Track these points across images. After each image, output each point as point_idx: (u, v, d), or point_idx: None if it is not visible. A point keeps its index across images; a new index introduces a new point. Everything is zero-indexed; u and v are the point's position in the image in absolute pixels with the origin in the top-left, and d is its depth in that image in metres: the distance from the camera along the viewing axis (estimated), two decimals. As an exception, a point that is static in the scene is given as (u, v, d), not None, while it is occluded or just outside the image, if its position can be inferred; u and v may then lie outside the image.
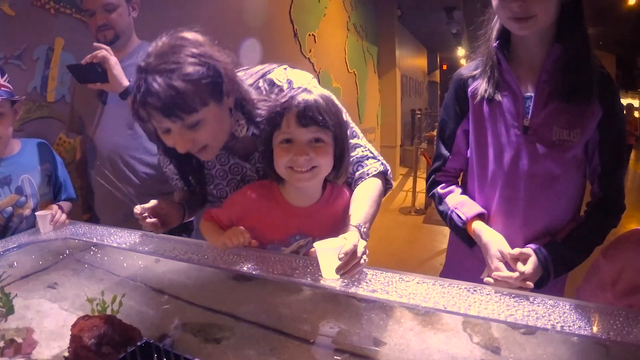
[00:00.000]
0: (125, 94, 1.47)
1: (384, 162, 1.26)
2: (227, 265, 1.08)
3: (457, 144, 1.25)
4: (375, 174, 1.21)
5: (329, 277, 0.97)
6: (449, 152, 1.26)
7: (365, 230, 1.08)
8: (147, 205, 1.17)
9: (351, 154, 1.20)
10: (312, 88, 1.09)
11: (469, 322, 0.84)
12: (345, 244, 0.93)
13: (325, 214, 1.15)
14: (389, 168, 1.26)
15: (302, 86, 1.10)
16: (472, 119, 1.19)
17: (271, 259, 1.09)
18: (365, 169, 1.22)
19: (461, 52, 11.82)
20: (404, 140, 9.02)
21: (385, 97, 7.67)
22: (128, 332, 0.73)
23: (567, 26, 1.06)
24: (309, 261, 1.06)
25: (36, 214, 1.43)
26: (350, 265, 0.93)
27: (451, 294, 0.90)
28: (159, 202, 1.19)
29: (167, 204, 1.23)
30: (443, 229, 3.24)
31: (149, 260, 1.21)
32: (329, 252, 0.95)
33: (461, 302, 0.87)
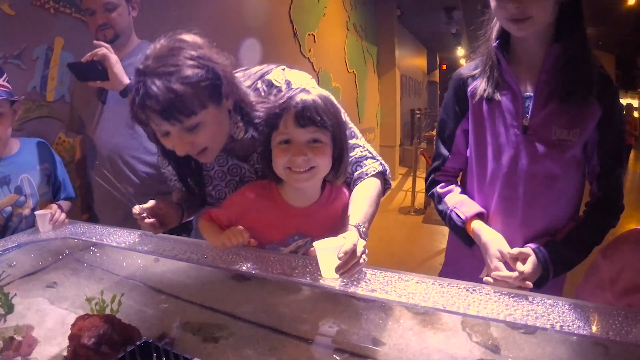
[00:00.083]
0: (125, 92, 1.47)
1: (382, 162, 1.26)
2: (227, 264, 1.08)
3: (456, 144, 1.25)
4: (374, 174, 1.21)
5: (329, 277, 0.96)
6: (448, 152, 1.26)
7: (364, 229, 1.08)
8: (146, 205, 1.16)
9: (350, 154, 1.19)
10: (311, 88, 1.09)
11: (468, 321, 0.84)
12: (345, 244, 0.93)
13: (324, 214, 1.15)
14: (387, 168, 1.26)
15: (301, 87, 1.10)
16: (472, 119, 1.19)
17: (270, 258, 1.09)
18: (364, 169, 1.22)
19: (461, 52, 11.80)
20: (403, 140, 9.02)
21: (385, 97, 7.67)
22: (127, 331, 0.73)
23: (566, 26, 1.06)
24: (308, 261, 1.06)
25: (35, 213, 1.43)
26: (349, 265, 0.93)
27: (450, 294, 0.90)
28: (157, 203, 1.19)
29: (166, 204, 1.23)
30: (442, 228, 3.25)
31: (148, 260, 1.21)
32: (328, 251, 0.94)
33: (460, 301, 0.87)
